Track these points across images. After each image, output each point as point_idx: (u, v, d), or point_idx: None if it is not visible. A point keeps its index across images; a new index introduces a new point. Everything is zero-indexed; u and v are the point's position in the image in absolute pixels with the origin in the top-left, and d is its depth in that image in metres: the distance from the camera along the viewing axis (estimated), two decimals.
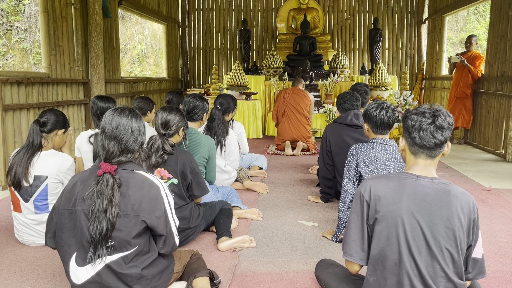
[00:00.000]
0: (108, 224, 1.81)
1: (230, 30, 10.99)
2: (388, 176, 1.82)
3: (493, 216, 3.61)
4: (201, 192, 2.91)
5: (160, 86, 9.59)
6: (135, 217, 1.87)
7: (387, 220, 1.74)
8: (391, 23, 10.82)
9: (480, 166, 5.69)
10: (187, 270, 2.30)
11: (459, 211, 1.72)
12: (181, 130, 2.89)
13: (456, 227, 1.71)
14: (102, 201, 1.80)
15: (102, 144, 1.91)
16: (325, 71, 8.94)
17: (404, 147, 1.86)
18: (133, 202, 1.87)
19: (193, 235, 2.93)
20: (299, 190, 4.40)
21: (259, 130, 8.06)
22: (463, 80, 7.36)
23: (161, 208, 1.92)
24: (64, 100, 5.58)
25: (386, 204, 1.74)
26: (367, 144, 2.91)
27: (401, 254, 1.73)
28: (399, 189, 1.75)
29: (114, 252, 1.89)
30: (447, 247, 1.72)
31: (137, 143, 1.96)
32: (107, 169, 1.85)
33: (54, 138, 2.91)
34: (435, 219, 1.71)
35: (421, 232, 1.72)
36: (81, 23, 5.98)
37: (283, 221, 3.45)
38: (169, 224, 1.98)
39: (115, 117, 1.92)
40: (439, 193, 1.73)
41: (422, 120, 1.74)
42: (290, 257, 2.77)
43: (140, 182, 1.91)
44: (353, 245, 1.82)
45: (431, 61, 10.15)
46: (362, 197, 1.81)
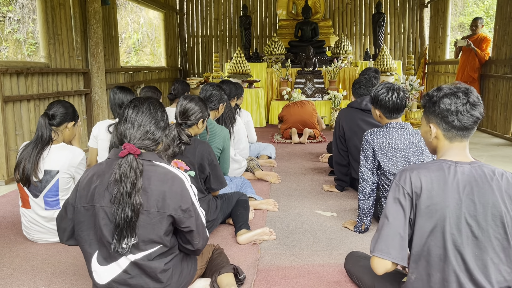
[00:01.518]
0: (133, 211, 1.67)
1: (229, 17, 10.77)
2: (427, 166, 1.69)
3: None
4: (219, 186, 2.78)
5: (159, 75, 9.40)
6: (159, 214, 1.74)
7: (430, 213, 1.62)
8: (393, 7, 10.64)
9: (491, 151, 5.59)
10: (210, 266, 2.18)
11: (503, 194, 1.61)
12: (200, 121, 2.72)
13: (503, 212, 1.60)
14: (126, 185, 1.66)
15: (122, 132, 1.81)
16: (328, 57, 8.78)
17: (436, 134, 1.72)
18: (156, 197, 1.74)
19: (212, 229, 2.81)
20: (312, 179, 4.28)
21: (262, 118, 7.91)
22: (469, 64, 7.24)
23: (187, 201, 1.79)
24: (65, 91, 5.41)
25: (428, 196, 1.62)
26: (381, 130, 2.77)
27: (446, 248, 1.61)
28: (441, 180, 1.63)
29: (137, 251, 1.77)
30: (496, 235, 1.61)
31: (157, 133, 1.85)
32: (132, 150, 1.72)
33: (64, 131, 2.76)
34: (480, 207, 1.60)
35: (466, 223, 1.61)
36: (79, 10, 5.78)
37: (300, 212, 3.34)
38: (199, 217, 1.86)
39: (138, 105, 1.83)
40: (480, 179, 1.61)
41: (457, 101, 1.63)
42: (314, 250, 2.66)
43: (163, 175, 1.78)
44: (391, 242, 1.64)
45: (434, 45, 10.00)
46: (402, 189, 1.67)
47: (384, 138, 2.76)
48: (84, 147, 5.89)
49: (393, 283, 1.91)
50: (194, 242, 1.86)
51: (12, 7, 13.53)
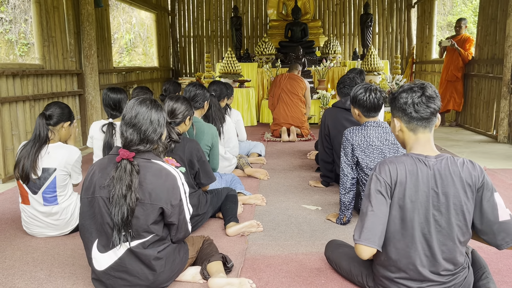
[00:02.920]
0: (129, 209, 1.87)
1: (220, 17, 10.93)
2: (401, 159, 1.86)
3: None
4: (208, 180, 2.96)
5: (152, 76, 9.53)
6: (152, 206, 1.93)
7: (402, 204, 1.80)
8: (381, 7, 10.86)
9: (473, 147, 5.81)
10: (201, 255, 2.35)
11: (464, 184, 1.79)
12: (187, 119, 2.92)
13: (462, 202, 1.78)
14: (121, 187, 1.85)
15: (122, 131, 1.96)
16: (317, 57, 8.96)
17: (400, 127, 1.91)
18: (150, 191, 1.92)
19: (202, 222, 2.98)
20: (299, 175, 4.47)
21: (253, 117, 8.09)
22: (453, 63, 7.46)
23: (177, 197, 1.98)
24: (59, 92, 5.54)
25: (402, 188, 1.79)
26: (360, 128, 2.96)
27: (414, 236, 1.80)
28: (413, 173, 1.81)
29: (133, 239, 1.96)
30: (457, 223, 1.80)
31: (156, 134, 2.00)
32: (125, 155, 1.90)
33: (60, 130, 2.91)
34: (443, 198, 1.79)
35: (432, 214, 1.80)
36: (72, 13, 5.91)
37: (287, 206, 3.52)
38: (183, 212, 2.05)
39: (136, 106, 1.97)
40: (443, 172, 1.80)
41: (413, 95, 1.83)
42: (298, 240, 2.84)
43: (157, 172, 1.96)
44: (375, 232, 1.79)
45: (421, 45, 10.23)
46: (383, 180, 1.82)
47: (362, 136, 2.94)
48: (79, 146, 6.03)
49: (366, 267, 2.10)
50: (172, 233, 2.06)
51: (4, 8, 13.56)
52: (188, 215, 2.11)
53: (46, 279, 2.37)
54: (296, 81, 6.34)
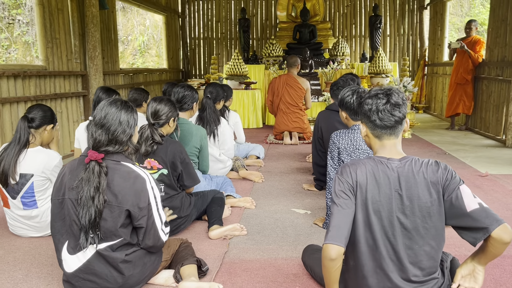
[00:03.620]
0: (96, 211, 1.86)
1: (230, 19, 10.94)
2: (364, 161, 1.83)
3: (487, 201, 3.60)
4: (192, 183, 2.94)
5: (160, 77, 9.59)
6: (119, 208, 1.92)
7: (364, 206, 1.76)
8: (392, 9, 10.71)
9: (479, 152, 5.66)
10: (176, 258, 2.33)
11: (429, 184, 1.74)
12: (171, 120, 2.91)
13: (428, 203, 1.73)
14: (89, 189, 1.85)
15: (91, 132, 1.96)
16: (325, 59, 8.89)
17: (366, 133, 1.87)
18: (117, 193, 1.91)
19: (185, 224, 2.96)
20: (295, 178, 4.42)
21: (259, 119, 8.05)
22: (463, 66, 7.30)
23: (145, 200, 1.96)
24: (62, 93, 5.61)
25: (364, 190, 1.76)
26: (347, 131, 2.90)
27: (377, 240, 1.75)
28: (374, 176, 1.77)
29: (102, 241, 1.95)
30: (424, 225, 1.74)
31: (125, 135, 1.98)
32: (94, 156, 1.89)
33: (42, 133, 2.88)
34: (407, 200, 1.74)
35: (396, 217, 1.75)
36: (77, 15, 5.99)
37: (276, 209, 3.48)
38: (153, 217, 2.01)
39: (106, 107, 1.96)
40: (407, 174, 1.75)
41: (378, 102, 1.77)
42: (280, 244, 2.79)
43: (126, 174, 1.95)
44: (342, 231, 1.74)
45: (433, 47, 10.05)
46: (346, 182, 1.79)
47: (349, 139, 2.89)
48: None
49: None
50: (140, 238, 2.02)
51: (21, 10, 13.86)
52: (160, 222, 2.06)
53: (23, 279, 2.38)
54: (294, 88, 6.23)
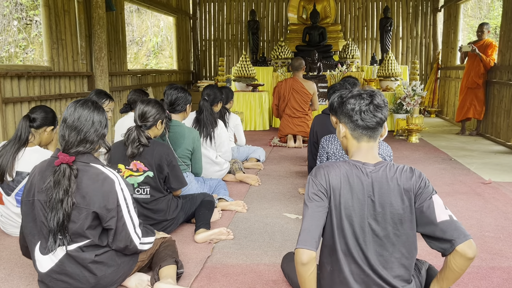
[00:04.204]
0: (64, 214, 1.86)
1: (240, 21, 10.94)
2: (338, 165, 1.79)
3: (486, 210, 3.51)
4: (178, 185, 2.93)
5: (169, 79, 9.64)
6: (86, 210, 1.91)
7: (337, 211, 1.72)
8: (405, 11, 10.55)
9: (486, 158, 5.52)
10: (155, 259, 2.30)
11: (402, 191, 1.70)
12: (159, 122, 2.90)
13: (400, 210, 1.69)
14: (59, 191, 1.85)
15: (62, 134, 1.95)
16: (334, 62, 8.81)
17: (345, 134, 1.83)
18: (85, 194, 1.91)
19: (171, 227, 2.94)
20: (292, 182, 4.37)
21: (265, 122, 8.02)
22: (474, 70, 7.14)
23: (113, 202, 1.95)
24: (67, 93, 5.67)
25: (337, 194, 1.72)
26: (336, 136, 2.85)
27: (349, 245, 1.71)
28: (348, 180, 1.73)
29: (71, 242, 1.96)
30: (395, 232, 1.69)
31: (96, 134, 2.00)
32: (65, 159, 1.89)
33: (42, 134, 2.94)
34: (379, 207, 1.70)
35: (368, 223, 1.71)
36: (84, 16, 6.05)
37: (268, 214, 3.44)
38: (123, 219, 1.99)
39: (78, 108, 1.96)
40: (380, 180, 1.72)
41: (361, 102, 1.75)
42: (265, 250, 2.76)
43: (94, 175, 1.95)
44: (312, 234, 1.70)
45: (446, 50, 9.87)
46: (319, 185, 1.75)
47: (338, 144, 2.84)
48: None
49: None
50: (110, 239, 2.01)
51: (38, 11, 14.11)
52: (131, 225, 2.03)
53: (4, 278, 2.40)
54: (300, 93, 6.17)
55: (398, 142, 6.59)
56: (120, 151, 2.77)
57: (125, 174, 2.77)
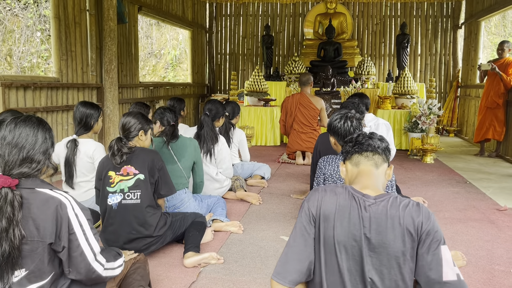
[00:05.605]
0: (11, 246, 1.61)
1: (256, 35, 10.89)
2: (338, 191, 1.63)
3: (498, 239, 3.27)
4: (168, 192, 2.88)
5: (183, 91, 9.62)
6: (42, 243, 1.68)
7: (326, 245, 1.56)
8: (424, 27, 10.33)
9: (504, 182, 5.24)
10: (123, 284, 2.11)
11: (404, 232, 1.51)
12: (141, 132, 2.88)
13: (399, 253, 1.50)
14: (1, 220, 1.60)
15: (1, 153, 1.70)
16: (349, 78, 8.64)
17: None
18: (36, 226, 1.67)
19: (156, 246, 2.81)
20: (295, 202, 4.20)
21: (276, 137, 7.88)
22: (494, 89, 6.86)
23: (65, 229, 1.71)
24: (75, 104, 5.65)
25: (328, 226, 1.56)
26: (335, 157, 2.70)
27: (337, 285, 1.54)
28: (343, 210, 1.57)
29: (29, 283, 1.70)
30: (391, 277, 1.51)
31: (42, 153, 1.75)
32: (6, 182, 1.64)
33: None
34: (376, 246, 1.52)
35: (361, 264, 1.53)
36: (96, 29, 6.08)
37: (264, 236, 3.28)
38: (80, 248, 1.74)
39: (19, 125, 1.73)
40: (380, 216, 1.54)
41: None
42: (254, 277, 2.60)
43: (44, 202, 1.70)
44: (289, 267, 1.59)
45: (466, 68, 9.59)
46: (308, 209, 1.62)
47: (336, 165, 2.68)
48: None
49: None
50: (66, 270, 1.77)
51: None
52: (91, 253, 1.78)
53: None
54: (307, 108, 6.05)
55: (411, 162, 6.35)
56: (110, 161, 2.73)
57: (115, 180, 2.69)
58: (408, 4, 10.31)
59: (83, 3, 5.86)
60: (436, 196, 4.49)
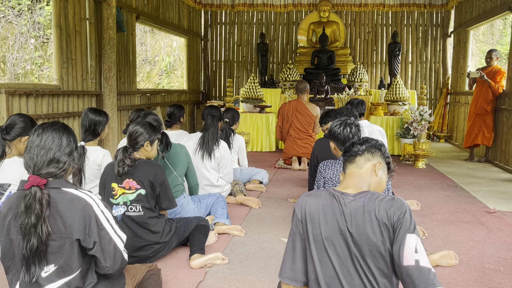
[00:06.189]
0: (39, 241, 1.74)
1: (251, 43, 11.07)
2: (320, 193, 1.80)
3: (488, 240, 3.43)
4: (169, 205, 2.94)
5: (179, 98, 9.74)
6: (69, 239, 1.81)
7: (316, 243, 1.71)
8: (415, 36, 10.58)
9: (493, 186, 5.43)
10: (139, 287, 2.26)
11: (380, 224, 1.65)
12: (147, 143, 2.89)
13: (379, 242, 1.65)
14: (31, 216, 1.74)
15: (31, 156, 1.85)
16: (342, 85, 8.83)
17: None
18: (63, 223, 1.80)
19: (163, 252, 2.92)
20: (293, 206, 4.31)
21: (272, 143, 8.02)
22: (482, 96, 7.09)
23: (94, 226, 1.85)
24: (75, 111, 5.76)
25: (315, 225, 1.71)
26: (335, 162, 2.85)
27: (331, 278, 1.68)
28: (326, 209, 1.73)
29: (57, 278, 1.82)
30: (376, 265, 1.65)
31: (66, 154, 1.91)
32: (35, 182, 1.78)
33: (18, 144, 2.88)
34: (358, 239, 1.67)
35: (349, 256, 1.68)
36: (95, 37, 6.19)
37: (265, 238, 3.41)
38: (112, 241, 1.91)
39: (46, 129, 1.89)
40: (357, 211, 1.69)
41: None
42: (259, 276, 2.72)
43: (70, 201, 1.84)
44: (283, 264, 1.80)
45: (455, 76, 9.84)
46: (295, 214, 1.80)
47: (336, 169, 2.82)
48: None
49: None
50: (101, 266, 1.90)
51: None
52: (121, 244, 1.97)
53: None
54: (304, 115, 6.21)
55: (404, 167, 6.53)
56: (113, 171, 2.79)
57: (118, 192, 2.78)
58: (399, 13, 10.56)
59: (83, 12, 5.98)
60: (429, 199, 4.66)
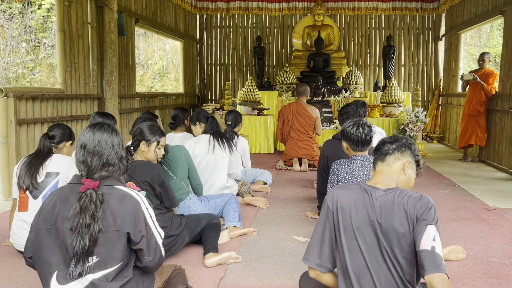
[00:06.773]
0: (91, 239, 1.84)
1: (246, 46, 11.18)
2: (351, 186, 1.92)
3: (491, 235, 3.57)
4: (170, 205, 3.03)
5: (176, 101, 9.80)
6: (117, 232, 1.90)
7: (346, 233, 1.81)
8: (407, 39, 10.80)
9: (489, 185, 5.59)
10: (167, 286, 2.34)
11: (408, 217, 1.77)
12: (142, 143, 2.98)
13: (407, 234, 1.76)
14: (85, 217, 1.83)
15: (84, 160, 1.95)
16: (338, 87, 8.98)
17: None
18: (114, 217, 1.90)
19: (176, 246, 2.99)
20: (300, 205, 4.44)
21: (270, 145, 8.13)
22: (476, 98, 7.28)
23: (142, 222, 1.96)
24: (78, 115, 5.80)
25: (346, 216, 1.82)
26: (347, 161, 2.96)
27: (361, 266, 1.79)
28: (357, 201, 1.85)
29: (98, 269, 1.90)
30: (403, 255, 1.77)
31: (117, 157, 2.02)
32: (91, 185, 1.89)
33: (62, 149, 3.16)
34: (386, 230, 1.79)
35: (378, 246, 1.79)
36: (97, 41, 6.23)
37: (277, 236, 3.50)
38: (154, 237, 2.01)
39: (96, 133, 1.99)
40: (387, 204, 1.81)
41: None
42: (277, 272, 2.82)
43: (121, 197, 1.95)
44: (310, 249, 1.91)
45: (447, 78, 10.06)
46: (327, 205, 1.91)
47: (349, 168, 2.93)
48: None
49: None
50: (144, 259, 2.00)
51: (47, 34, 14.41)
52: (160, 240, 2.07)
53: None
54: (304, 117, 6.32)
55: None
56: None
57: None
58: (392, 16, 10.76)
59: (85, 17, 6.03)
60: None
